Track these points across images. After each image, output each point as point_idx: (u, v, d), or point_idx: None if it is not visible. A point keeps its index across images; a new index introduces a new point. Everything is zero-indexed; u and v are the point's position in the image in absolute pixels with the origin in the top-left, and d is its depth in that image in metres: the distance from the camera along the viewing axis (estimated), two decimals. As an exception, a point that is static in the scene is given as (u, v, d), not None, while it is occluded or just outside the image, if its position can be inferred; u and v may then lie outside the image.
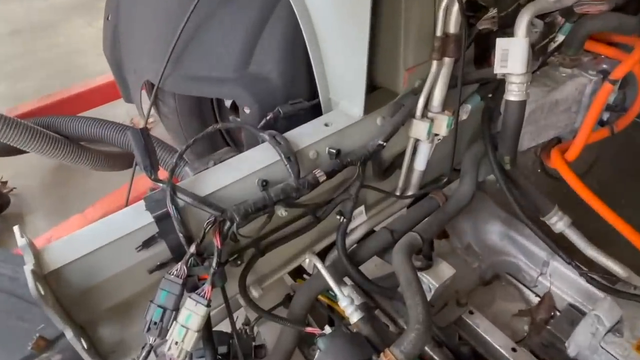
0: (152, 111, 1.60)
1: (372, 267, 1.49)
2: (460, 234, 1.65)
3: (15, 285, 1.86)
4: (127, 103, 1.91)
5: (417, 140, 1.29)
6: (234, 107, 2.12)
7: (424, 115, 1.23)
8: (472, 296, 1.55)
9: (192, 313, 0.93)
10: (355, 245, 1.34)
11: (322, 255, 1.30)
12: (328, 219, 1.25)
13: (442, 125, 1.23)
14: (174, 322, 0.92)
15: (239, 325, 1.40)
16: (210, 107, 1.71)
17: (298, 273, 1.50)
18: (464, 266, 1.57)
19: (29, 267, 0.81)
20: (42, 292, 0.81)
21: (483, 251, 1.62)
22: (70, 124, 2.39)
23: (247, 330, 1.32)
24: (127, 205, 1.01)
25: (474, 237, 1.64)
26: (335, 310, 1.30)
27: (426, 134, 1.22)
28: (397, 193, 1.39)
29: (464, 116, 1.34)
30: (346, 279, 1.32)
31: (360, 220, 1.33)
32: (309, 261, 1.44)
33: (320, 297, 1.31)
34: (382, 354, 0.92)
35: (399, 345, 0.91)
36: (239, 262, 1.13)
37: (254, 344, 1.29)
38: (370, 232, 1.39)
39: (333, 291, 1.32)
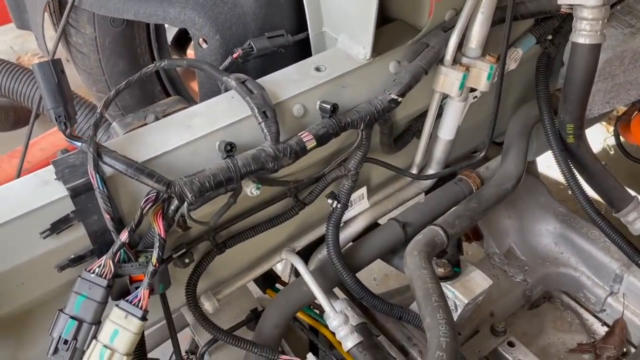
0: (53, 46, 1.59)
1: (370, 281, 1.52)
2: (498, 235, 1.69)
3: None
4: (18, 29, 1.89)
5: (444, 97, 1.31)
6: (181, 41, 2.12)
7: (456, 61, 1.25)
8: (512, 322, 1.59)
9: (121, 328, 0.94)
10: (351, 244, 1.37)
11: (303, 256, 1.32)
12: (315, 204, 1.27)
13: (482, 76, 1.25)
14: (94, 340, 0.93)
15: (182, 352, 1.41)
16: (146, 40, 1.71)
17: (268, 281, 1.52)
18: (502, 280, 1.60)
19: None
20: None
21: (530, 260, 1.66)
22: None
23: (194, 361, 1.34)
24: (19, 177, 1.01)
25: (518, 240, 1.67)
26: (321, 334, 1.33)
27: (458, 88, 1.25)
28: (413, 171, 1.41)
29: (512, 65, 1.36)
30: (337, 291, 1.35)
31: (360, 208, 1.36)
32: (285, 263, 1.46)
33: (299, 314, 1.34)
34: (388, 393, 0.95)
35: (413, 379, 0.95)
36: (187, 260, 1.15)
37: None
38: (372, 226, 1.42)
39: (318, 306, 1.35)
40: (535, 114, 1.45)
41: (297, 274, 1.70)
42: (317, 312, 1.38)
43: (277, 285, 1.50)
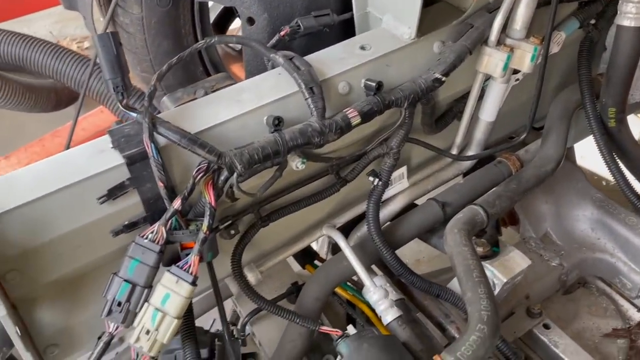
0: (88, 32, 1.63)
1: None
2: (535, 219, 1.69)
3: None
4: (57, 15, 1.93)
5: (487, 79, 1.32)
6: (221, 23, 2.15)
7: (500, 42, 1.26)
8: (547, 306, 1.60)
9: (172, 292, 0.97)
10: (389, 223, 1.39)
11: (342, 233, 1.34)
12: (355, 182, 1.29)
13: (525, 57, 1.26)
14: (146, 303, 0.97)
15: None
16: (190, 20, 1.74)
17: (307, 257, 1.55)
18: (538, 263, 1.61)
19: (-48, 213, 0.86)
20: (-29, 248, 0.86)
21: (566, 245, 1.66)
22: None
23: (235, 331, 1.38)
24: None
25: (554, 225, 1.68)
26: (358, 308, 1.35)
27: (501, 69, 1.26)
28: (453, 152, 1.43)
29: (554, 48, 1.37)
30: (374, 269, 1.38)
31: (399, 187, 1.38)
32: (321, 241, 1.49)
33: (337, 290, 1.36)
34: (429, 363, 0.97)
35: (453, 350, 0.96)
36: (232, 231, 1.18)
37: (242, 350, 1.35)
38: (410, 207, 1.43)
39: (355, 283, 1.38)
40: (576, 98, 1.45)
41: (334, 251, 1.73)
42: (353, 287, 1.41)
43: (316, 262, 1.53)
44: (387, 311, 1.19)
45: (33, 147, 2.66)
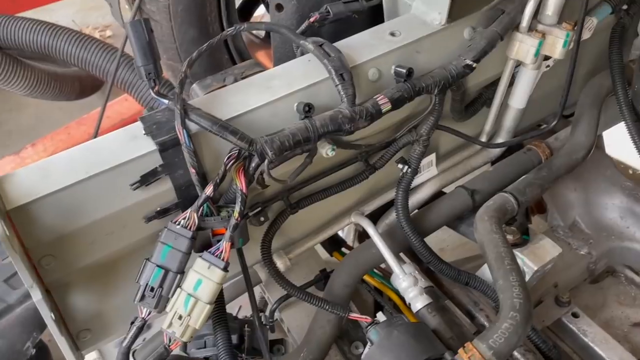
0: (111, 20, 1.63)
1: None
2: (563, 207, 1.68)
3: None
4: (79, 4, 1.94)
5: (518, 65, 1.31)
6: (245, 11, 2.15)
7: (532, 28, 1.24)
8: (575, 295, 1.59)
9: (204, 278, 0.98)
10: (416, 211, 1.38)
11: (371, 220, 1.34)
12: (384, 170, 1.29)
13: (557, 43, 1.24)
14: (178, 289, 0.98)
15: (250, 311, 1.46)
16: (216, 8, 1.74)
17: (334, 245, 1.55)
18: (566, 252, 1.60)
19: (-11, 198, 0.87)
20: (7, 233, 0.86)
21: (595, 233, 1.65)
22: (6, 27, 2.42)
23: (263, 318, 1.38)
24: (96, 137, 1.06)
25: (583, 213, 1.66)
26: (385, 296, 1.35)
27: (533, 55, 1.24)
28: (483, 140, 1.42)
29: (585, 34, 1.35)
30: (402, 256, 1.37)
31: (428, 175, 1.37)
32: (348, 229, 1.48)
33: (365, 277, 1.36)
34: (461, 350, 0.96)
35: (486, 338, 0.96)
36: (262, 218, 1.18)
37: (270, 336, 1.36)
38: (438, 195, 1.43)
39: (382, 271, 1.38)
40: (607, 84, 1.43)
41: (360, 239, 1.73)
42: (380, 274, 1.40)
43: (343, 249, 1.53)
44: (416, 298, 1.19)
45: (59, 134, 2.69)
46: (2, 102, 4.15)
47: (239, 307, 1.70)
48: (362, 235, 1.72)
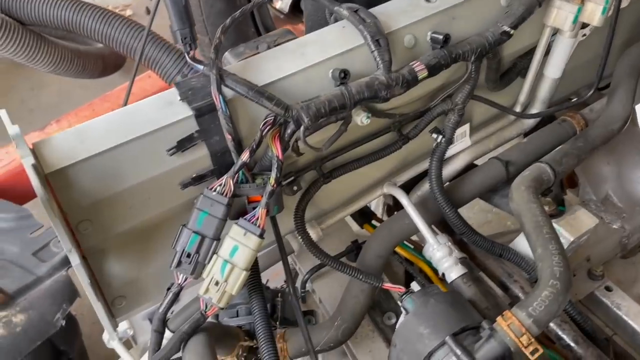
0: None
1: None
2: (595, 181, 1.65)
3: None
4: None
5: (554, 33, 1.28)
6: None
7: (570, -7, 1.22)
8: (607, 269, 1.57)
9: (240, 245, 0.98)
10: (448, 183, 1.37)
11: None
12: (417, 140, 1.28)
13: (596, 10, 1.22)
14: (214, 255, 0.97)
15: (282, 281, 1.46)
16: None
17: (364, 217, 1.54)
18: (599, 226, 1.57)
19: (29, 160, 0.86)
20: (47, 196, 0.87)
21: (628, 207, 1.62)
22: (30, 3, 2.43)
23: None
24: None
25: (616, 187, 1.64)
26: (415, 266, 1.34)
27: (571, 22, 1.22)
28: (517, 110, 1.40)
29: (624, 2, 1.32)
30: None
31: (461, 146, 1.35)
32: (377, 202, 1.47)
33: (396, 248, 1.35)
34: (499, 319, 0.95)
35: (525, 306, 0.95)
36: (295, 187, 1.18)
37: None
38: (470, 167, 1.41)
39: (413, 242, 1.37)
40: (645, 54, 1.40)
41: (389, 212, 1.73)
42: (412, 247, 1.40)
43: (373, 222, 1.52)
44: (451, 268, 1.18)
45: (83, 111, 2.69)
46: (24, 81, 4.18)
47: (266, 281, 1.70)
48: (390, 209, 1.71)
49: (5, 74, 4.27)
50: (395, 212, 1.57)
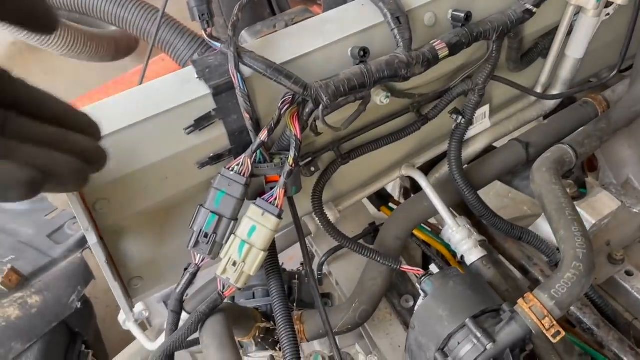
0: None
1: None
2: (616, 165, 1.62)
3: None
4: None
5: (578, 11, 1.26)
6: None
7: (595, -30, 1.20)
8: (626, 254, 1.55)
9: (258, 225, 0.97)
10: (469, 164, 1.35)
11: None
12: (435, 122, 1.26)
13: (621, -12, 1.20)
14: (232, 235, 0.97)
15: (297, 265, 1.45)
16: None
17: (381, 200, 1.53)
18: (620, 210, 1.55)
19: (46, 139, 0.85)
20: (66, 175, 0.86)
21: (649, 191, 1.60)
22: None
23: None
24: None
25: (637, 170, 1.60)
26: (432, 249, 1.33)
27: (595, 1, 1.20)
28: (538, 91, 1.37)
29: (649, -19, 1.29)
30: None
31: (481, 127, 1.34)
32: (394, 184, 1.46)
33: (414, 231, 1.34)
34: (521, 301, 0.94)
35: (547, 288, 0.93)
36: (312, 168, 1.17)
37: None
38: (488, 150, 1.39)
39: (429, 224, 1.36)
40: (669, 34, 1.37)
41: (405, 195, 1.71)
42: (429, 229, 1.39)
43: (390, 204, 1.51)
44: (471, 251, 1.16)
45: (97, 94, 2.70)
46: (37, 65, 4.19)
47: (282, 264, 1.70)
48: (408, 191, 1.70)
49: (18, 58, 4.28)
50: (412, 195, 1.56)
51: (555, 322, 0.92)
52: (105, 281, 1.02)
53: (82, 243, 1.84)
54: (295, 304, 1.25)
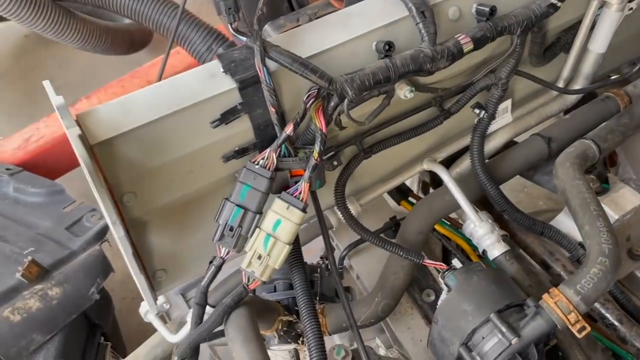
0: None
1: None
2: (636, 160, 1.62)
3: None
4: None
5: (601, 6, 1.25)
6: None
7: (619, -36, 1.19)
8: (647, 250, 1.55)
9: (283, 219, 0.97)
10: (490, 159, 1.35)
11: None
12: (457, 116, 1.26)
13: (647, -18, 1.19)
14: (257, 229, 0.97)
15: (313, 260, 1.45)
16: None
17: (401, 194, 1.53)
18: (640, 205, 1.55)
19: (74, 131, 0.86)
20: (95, 167, 0.87)
21: (669, 187, 1.60)
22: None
23: (329, 265, 1.37)
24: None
25: (657, 166, 1.61)
26: (452, 243, 1.33)
27: (621, -6, 1.19)
28: (560, 85, 1.37)
29: (674, -26, 1.29)
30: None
31: (503, 122, 1.33)
32: (412, 179, 1.46)
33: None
34: (546, 296, 0.94)
35: (573, 283, 0.93)
36: (335, 162, 1.17)
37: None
38: (509, 144, 1.39)
39: (450, 219, 1.36)
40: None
41: (424, 190, 1.71)
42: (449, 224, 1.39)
43: (410, 199, 1.51)
44: (494, 246, 1.16)
45: (112, 87, 2.70)
46: (51, 58, 4.20)
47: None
48: (426, 186, 1.70)
49: (31, 51, 4.30)
50: (431, 189, 1.57)
51: (580, 317, 0.93)
52: (120, 273, 1.03)
53: (100, 235, 1.85)
54: (317, 298, 1.26)
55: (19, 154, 2.39)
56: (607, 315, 1.17)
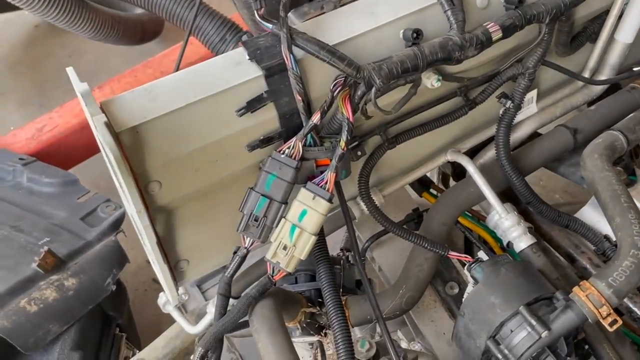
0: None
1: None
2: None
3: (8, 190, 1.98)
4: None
5: (629, -5, 1.24)
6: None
7: (650, -48, 1.17)
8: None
9: (309, 209, 0.97)
10: (515, 150, 1.34)
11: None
12: (482, 107, 1.24)
13: (679, -31, 1.17)
14: (282, 219, 0.96)
15: (334, 249, 1.44)
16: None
17: (423, 186, 1.52)
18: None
19: (100, 118, 0.85)
20: (121, 154, 0.86)
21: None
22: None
23: (350, 257, 1.37)
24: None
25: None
26: (475, 234, 1.32)
27: (650, -17, 1.17)
28: (586, 76, 1.35)
29: None
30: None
31: (528, 112, 1.32)
32: (432, 171, 1.44)
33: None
34: (576, 289, 0.93)
35: (604, 276, 0.92)
36: (359, 152, 1.16)
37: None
38: (534, 136, 1.38)
39: (472, 211, 1.35)
40: None
41: (444, 181, 1.70)
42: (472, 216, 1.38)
43: (432, 190, 1.50)
44: (520, 238, 1.15)
45: (125, 77, 2.69)
46: (61, 48, 4.20)
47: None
48: (446, 177, 1.68)
49: (41, 41, 4.29)
50: (452, 181, 1.55)
51: (612, 311, 0.92)
52: (134, 264, 1.02)
53: (115, 226, 1.84)
54: (340, 290, 1.25)
55: (32, 144, 2.39)
56: (635, 309, 1.15)
